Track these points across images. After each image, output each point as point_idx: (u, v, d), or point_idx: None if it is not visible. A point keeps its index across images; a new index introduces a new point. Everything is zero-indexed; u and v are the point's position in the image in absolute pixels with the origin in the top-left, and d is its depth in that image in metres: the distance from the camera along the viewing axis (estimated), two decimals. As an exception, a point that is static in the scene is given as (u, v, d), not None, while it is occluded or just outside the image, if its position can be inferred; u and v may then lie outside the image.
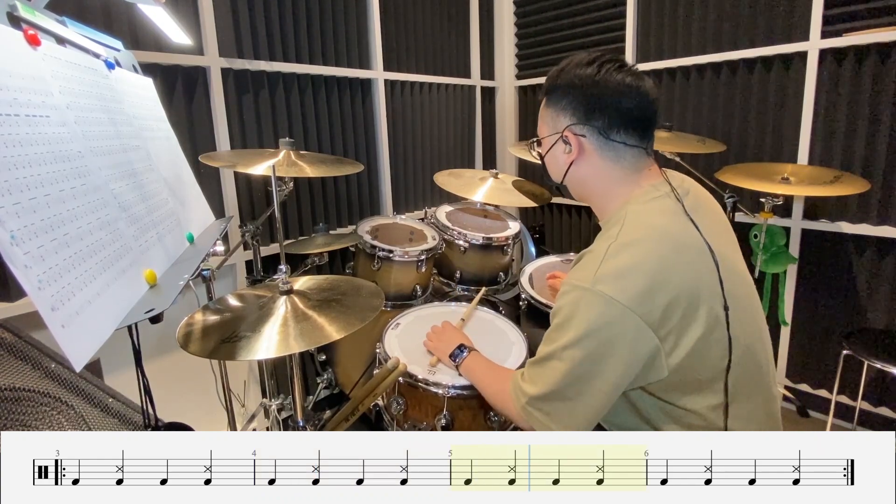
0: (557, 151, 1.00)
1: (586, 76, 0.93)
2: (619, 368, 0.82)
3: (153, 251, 0.91)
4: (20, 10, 0.70)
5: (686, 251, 0.86)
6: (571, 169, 0.99)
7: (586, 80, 0.93)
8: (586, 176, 0.99)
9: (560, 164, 1.01)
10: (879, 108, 1.85)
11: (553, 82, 0.99)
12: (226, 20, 1.80)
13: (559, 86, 0.97)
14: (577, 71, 0.94)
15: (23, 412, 0.87)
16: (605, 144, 0.95)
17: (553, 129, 0.99)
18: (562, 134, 0.97)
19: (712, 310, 0.83)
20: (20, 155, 0.60)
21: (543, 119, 1.03)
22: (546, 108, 1.01)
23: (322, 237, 1.88)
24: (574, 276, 0.87)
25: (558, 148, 0.99)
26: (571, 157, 0.98)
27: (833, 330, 2.07)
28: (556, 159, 1.01)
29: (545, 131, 1.03)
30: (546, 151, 1.03)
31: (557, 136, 0.98)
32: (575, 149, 0.96)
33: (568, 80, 0.96)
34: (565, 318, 0.85)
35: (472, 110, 2.97)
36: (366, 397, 1.20)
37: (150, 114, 1.14)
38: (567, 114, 0.96)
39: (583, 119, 0.95)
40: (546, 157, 1.04)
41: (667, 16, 2.33)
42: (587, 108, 0.94)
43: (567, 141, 0.97)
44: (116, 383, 1.11)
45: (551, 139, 1.00)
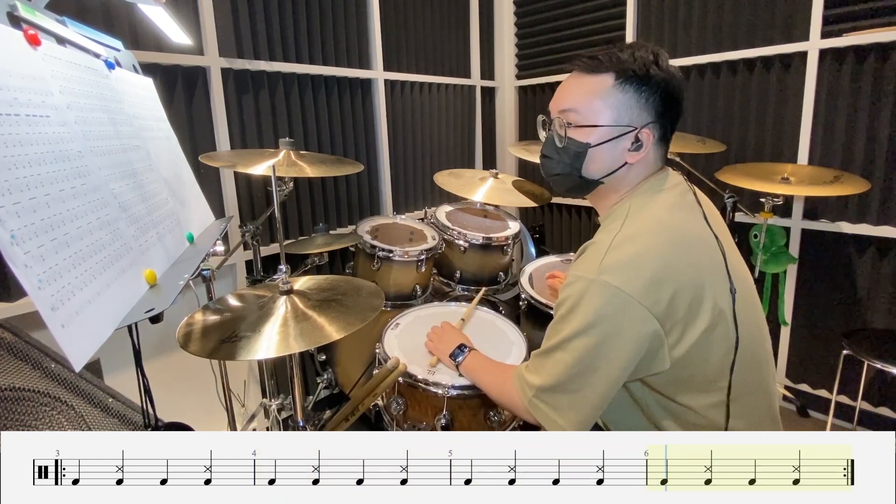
0: (619, 146, 0.90)
1: (677, 76, 0.89)
2: (623, 358, 0.82)
3: (153, 251, 0.91)
4: (20, 9, 0.70)
5: (691, 244, 0.86)
6: (626, 168, 0.92)
7: (678, 80, 0.89)
8: (632, 176, 0.93)
9: (616, 159, 0.91)
10: (879, 108, 1.85)
11: (647, 70, 0.87)
12: (226, 20, 1.80)
13: (653, 77, 0.87)
14: (668, 66, 0.88)
15: (23, 412, 0.87)
16: (660, 145, 0.93)
17: (624, 120, 0.89)
18: (639, 130, 0.89)
19: (717, 304, 0.83)
20: (20, 155, 0.60)
21: (608, 103, 0.89)
22: (618, 93, 0.88)
23: (322, 237, 1.88)
24: (578, 267, 0.87)
25: (622, 143, 0.90)
26: (637, 155, 0.90)
27: (833, 330, 2.07)
28: (612, 154, 0.91)
29: (607, 117, 0.89)
30: (602, 141, 0.90)
31: (630, 130, 0.89)
32: (645, 149, 0.90)
33: (666, 76, 0.88)
34: (569, 309, 0.85)
35: (472, 110, 2.97)
36: (366, 397, 1.20)
37: (150, 114, 1.14)
38: (652, 111, 0.89)
39: (658, 117, 0.90)
40: (598, 147, 0.90)
41: (667, 16, 2.33)
42: (666, 105, 0.89)
43: (640, 138, 0.89)
44: (116, 383, 1.11)
45: (614, 130, 0.89)
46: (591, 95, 0.89)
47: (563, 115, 0.93)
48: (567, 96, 0.93)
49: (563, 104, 0.93)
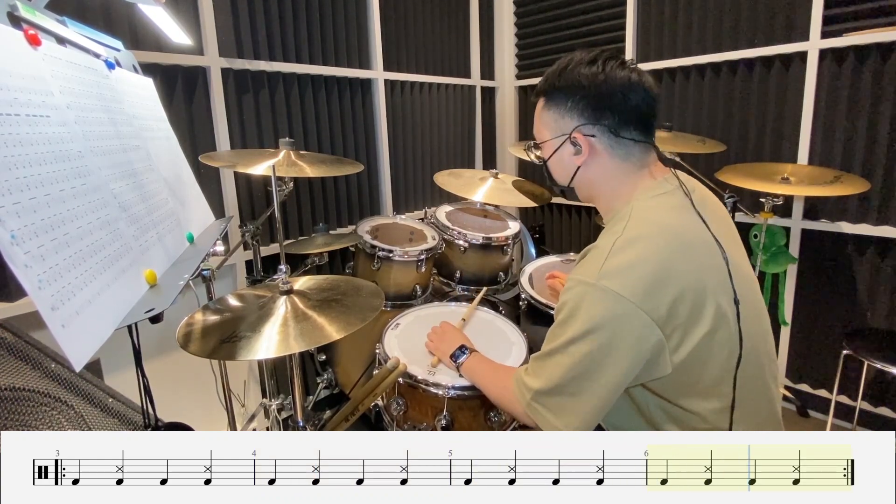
0: (564, 154, 0.97)
1: (592, 74, 0.91)
2: (623, 364, 0.81)
3: (153, 251, 0.91)
4: (20, 9, 0.70)
5: (692, 247, 0.86)
6: (581, 171, 0.97)
7: (593, 79, 0.91)
8: (596, 176, 0.97)
9: (567, 166, 0.99)
10: (879, 108, 1.85)
11: (553, 83, 0.96)
12: (226, 20, 1.80)
13: (561, 87, 0.95)
14: (581, 70, 0.92)
15: (23, 412, 0.87)
16: (615, 143, 0.93)
17: (557, 132, 0.97)
18: (570, 136, 0.95)
19: (719, 308, 0.83)
20: (20, 155, 0.60)
21: (543, 122, 1.00)
22: (546, 111, 0.99)
23: (322, 237, 1.88)
24: (579, 272, 0.87)
25: (565, 150, 0.97)
26: (581, 158, 0.95)
27: (833, 330, 2.07)
28: (562, 162, 0.99)
29: (546, 134, 1.00)
30: (550, 155, 1.00)
31: (564, 138, 0.96)
32: (585, 150, 0.94)
33: (572, 81, 0.93)
34: (570, 314, 0.85)
35: (472, 110, 2.97)
36: (366, 397, 1.20)
37: (150, 114, 1.14)
38: (574, 115, 0.94)
39: (591, 119, 0.93)
40: (550, 160, 1.01)
41: (667, 16, 2.33)
42: (595, 107, 0.92)
43: (576, 143, 0.95)
44: (116, 383, 1.12)
45: (555, 142, 0.98)
46: (536, 120, 1.04)
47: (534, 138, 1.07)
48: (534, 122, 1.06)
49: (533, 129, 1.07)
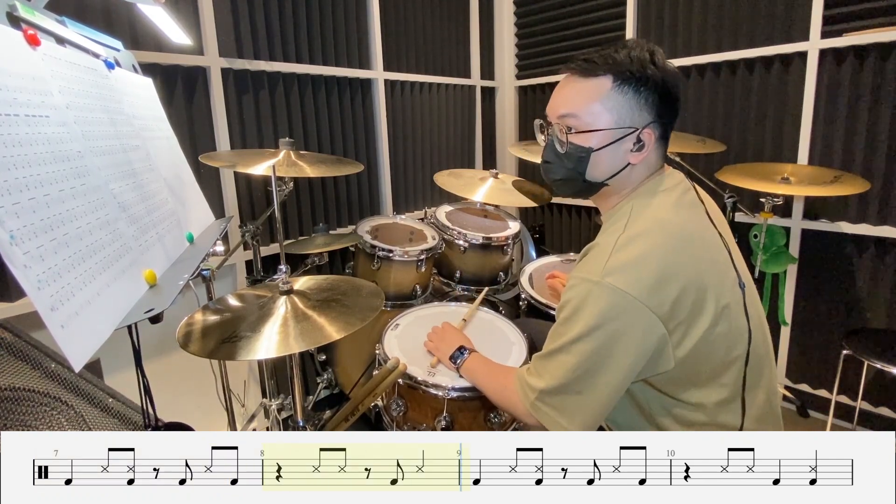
0: (622, 147, 0.90)
1: (674, 74, 0.89)
2: (628, 360, 0.81)
3: (153, 251, 0.91)
4: (20, 10, 0.70)
5: (693, 242, 0.86)
6: (627, 168, 0.92)
7: (675, 78, 0.89)
8: (635, 175, 0.93)
9: (619, 161, 0.91)
10: (879, 108, 1.85)
11: (644, 70, 0.86)
12: (226, 20, 1.80)
13: (651, 77, 0.87)
14: (665, 65, 0.88)
15: (23, 412, 0.87)
16: (661, 144, 0.93)
17: (626, 122, 0.88)
18: (640, 130, 0.89)
19: (719, 302, 0.83)
20: (20, 155, 0.60)
21: (608, 106, 0.88)
22: (620, 95, 0.87)
23: (322, 237, 1.88)
24: (582, 270, 0.86)
25: (624, 144, 0.89)
26: (640, 156, 0.90)
27: (833, 330, 2.07)
28: (614, 156, 0.90)
29: (608, 120, 0.88)
30: (604, 145, 0.89)
31: (632, 131, 0.89)
32: (647, 149, 0.89)
33: (663, 75, 0.87)
34: (573, 311, 0.84)
35: (472, 110, 2.97)
36: (366, 397, 1.20)
37: (149, 114, 1.14)
38: (652, 110, 0.88)
39: (657, 116, 0.89)
40: (601, 151, 0.90)
41: (667, 16, 2.33)
42: (665, 104, 0.89)
43: (642, 139, 0.89)
44: (116, 383, 1.12)
45: (617, 133, 0.88)
46: (590, 99, 0.88)
47: (563, 120, 0.92)
48: (565, 101, 0.92)
49: (561, 109, 0.92)
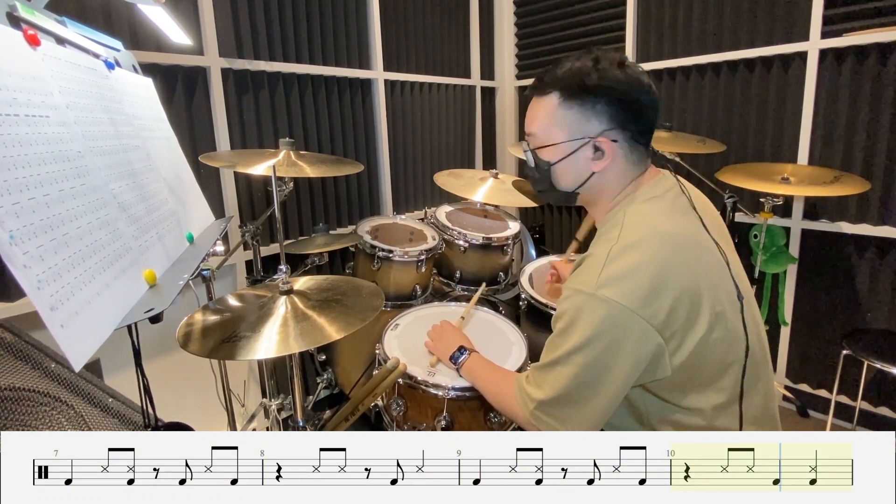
0: (580, 158, 0.91)
1: (625, 79, 0.87)
2: (624, 371, 0.82)
3: (153, 251, 0.91)
4: (20, 10, 0.70)
5: (687, 250, 0.86)
6: (595, 177, 0.92)
7: (626, 83, 0.87)
8: (608, 182, 0.93)
9: (581, 171, 0.92)
10: (879, 108, 1.85)
11: (580, 82, 0.88)
12: (226, 20, 1.80)
13: (592, 87, 0.87)
14: (615, 73, 0.87)
15: (23, 412, 0.87)
16: (632, 148, 0.91)
17: (577, 134, 0.90)
18: (594, 140, 0.89)
19: (714, 308, 0.83)
20: (20, 155, 0.60)
21: (557, 121, 0.91)
22: (566, 109, 0.90)
23: (322, 237, 1.87)
24: (576, 281, 0.86)
25: (582, 154, 0.91)
26: (601, 164, 0.90)
27: (833, 330, 2.07)
28: (576, 167, 0.92)
29: (560, 135, 0.91)
30: (561, 158, 0.93)
31: (586, 141, 0.90)
32: (609, 155, 0.89)
33: (604, 82, 0.87)
34: (569, 323, 0.85)
35: (472, 110, 2.97)
36: (366, 397, 1.20)
37: (149, 114, 1.14)
38: (603, 118, 0.88)
39: (620, 123, 0.88)
40: (559, 164, 0.93)
41: (667, 16, 2.33)
42: (626, 111, 0.88)
43: (599, 147, 0.89)
44: (116, 383, 1.12)
45: (571, 145, 0.91)
46: (544, 117, 0.94)
47: (529, 138, 0.98)
48: (528, 120, 0.98)
49: (527, 128, 0.98)
